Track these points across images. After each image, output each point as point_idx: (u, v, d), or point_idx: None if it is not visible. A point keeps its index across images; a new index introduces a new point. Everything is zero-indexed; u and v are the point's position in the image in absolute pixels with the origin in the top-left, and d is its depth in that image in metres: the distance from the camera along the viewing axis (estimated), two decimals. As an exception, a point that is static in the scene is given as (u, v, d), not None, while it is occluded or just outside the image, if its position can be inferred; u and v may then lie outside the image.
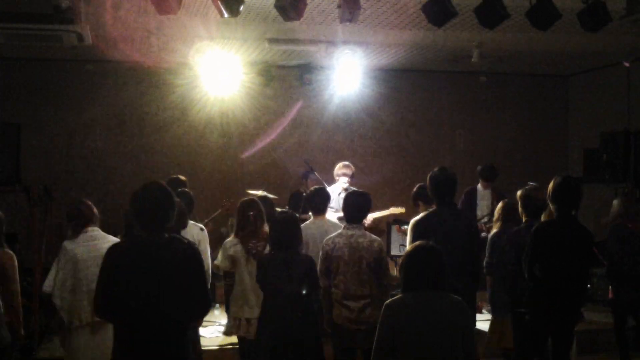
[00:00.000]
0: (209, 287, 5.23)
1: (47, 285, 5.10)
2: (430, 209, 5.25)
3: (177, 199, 5.35)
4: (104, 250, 5.01)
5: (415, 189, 6.64)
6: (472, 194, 8.21)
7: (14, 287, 5.13)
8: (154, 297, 3.43)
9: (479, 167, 8.28)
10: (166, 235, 3.54)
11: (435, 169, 5.14)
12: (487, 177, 8.13)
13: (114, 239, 5.14)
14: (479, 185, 8.23)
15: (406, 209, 8.02)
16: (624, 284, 6.26)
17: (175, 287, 3.46)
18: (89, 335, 5.03)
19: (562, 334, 5.03)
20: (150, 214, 3.50)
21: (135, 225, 3.58)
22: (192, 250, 3.59)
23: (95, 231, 5.15)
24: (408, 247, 6.24)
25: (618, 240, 6.19)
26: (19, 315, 5.23)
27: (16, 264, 5.17)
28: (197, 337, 5.40)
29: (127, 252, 3.55)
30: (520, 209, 5.45)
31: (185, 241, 3.62)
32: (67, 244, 5.09)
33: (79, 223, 5.15)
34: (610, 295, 6.44)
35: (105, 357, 4.85)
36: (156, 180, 3.75)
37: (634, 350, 6.40)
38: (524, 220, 5.40)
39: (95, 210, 5.25)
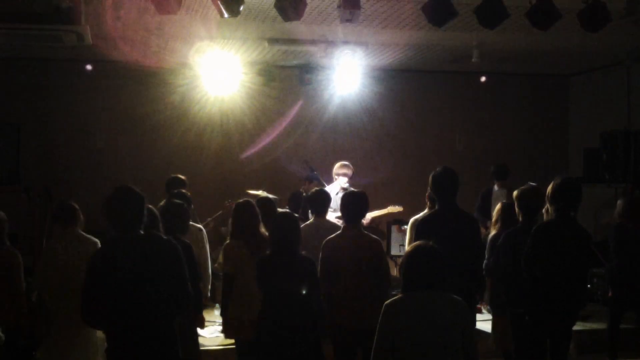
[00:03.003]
0: (199, 282, 5.32)
1: None
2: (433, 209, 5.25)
3: (178, 202, 5.41)
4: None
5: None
6: (488, 195, 8.20)
7: (19, 286, 5.17)
8: (137, 292, 3.51)
9: (491, 167, 8.27)
10: (142, 232, 3.64)
11: (438, 169, 5.11)
12: (498, 177, 8.12)
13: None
14: (495, 186, 8.21)
15: (404, 207, 8.04)
16: (624, 283, 6.25)
17: (155, 280, 3.55)
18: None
19: (561, 334, 5.03)
20: (121, 215, 3.63)
21: (111, 228, 3.70)
22: (170, 244, 3.69)
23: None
24: (407, 246, 6.25)
25: (619, 240, 6.19)
26: (24, 314, 5.25)
27: (20, 261, 5.22)
28: (195, 337, 5.39)
29: (105, 254, 3.63)
30: (517, 210, 5.44)
31: (165, 237, 3.72)
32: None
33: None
34: (609, 294, 6.44)
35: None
36: (126, 185, 3.82)
37: (631, 350, 6.42)
38: (520, 221, 5.39)
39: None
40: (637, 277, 6.22)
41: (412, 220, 6.32)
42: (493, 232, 5.94)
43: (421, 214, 6.14)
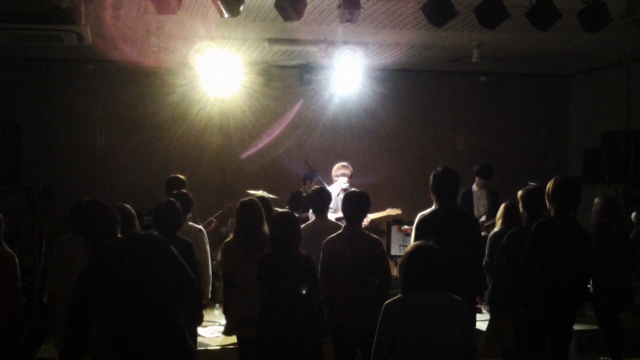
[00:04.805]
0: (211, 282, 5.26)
1: None
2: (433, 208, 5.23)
3: (169, 200, 5.40)
4: None
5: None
6: (469, 196, 8.23)
7: (15, 287, 5.16)
8: (137, 296, 3.52)
9: (476, 167, 8.29)
10: (119, 236, 3.68)
11: (438, 168, 5.13)
12: (485, 176, 8.15)
13: None
14: (474, 186, 8.25)
15: (403, 210, 8.05)
16: (604, 283, 6.24)
17: (151, 279, 3.56)
18: None
19: (561, 333, 5.03)
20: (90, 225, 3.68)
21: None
22: (152, 238, 3.75)
23: None
24: (413, 241, 6.21)
25: (600, 239, 6.16)
26: (21, 314, 5.25)
27: (17, 262, 5.20)
28: (194, 337, 5.40)
29: (92, 272, 3.60)
30: (521, 209, 5.46)
31: (142, 232, 3.81)
32: None
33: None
34: (591, 290, 6.45)
35: None
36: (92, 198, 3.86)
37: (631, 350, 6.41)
38: (524, 220, 5.40)
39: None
40: (617, 277, 6.23)
41: (419, 215, 6.27)
42: (495, 229, 5.94)
43: (428, 210, 6.10)
